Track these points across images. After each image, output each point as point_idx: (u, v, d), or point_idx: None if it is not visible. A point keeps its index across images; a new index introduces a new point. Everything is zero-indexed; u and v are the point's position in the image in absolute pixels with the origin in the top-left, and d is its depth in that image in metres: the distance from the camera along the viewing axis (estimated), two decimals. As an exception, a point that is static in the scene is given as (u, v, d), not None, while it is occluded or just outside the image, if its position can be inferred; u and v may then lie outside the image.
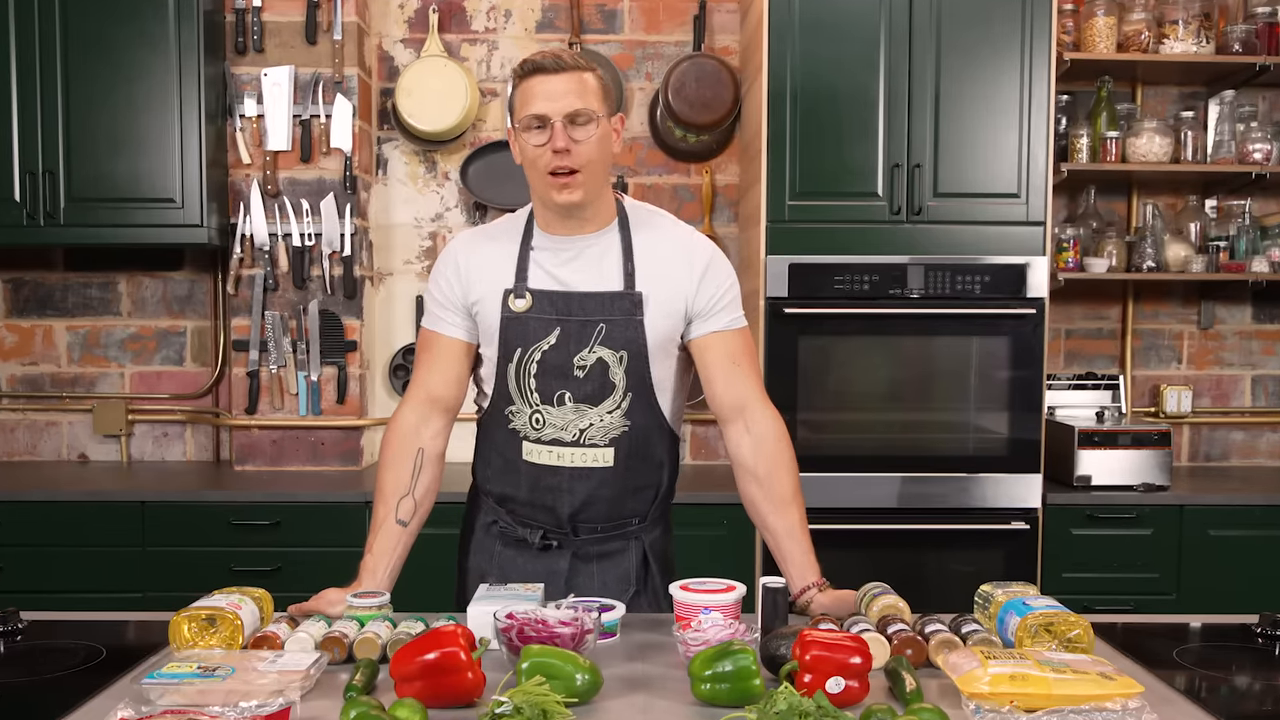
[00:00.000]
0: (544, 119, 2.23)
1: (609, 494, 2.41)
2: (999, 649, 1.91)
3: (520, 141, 2.29)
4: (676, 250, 2.40)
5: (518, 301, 2.35)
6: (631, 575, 2.47)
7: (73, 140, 4.21)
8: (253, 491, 4.11)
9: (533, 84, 2.25)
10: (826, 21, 4.00)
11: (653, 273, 2.36)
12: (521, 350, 2.36)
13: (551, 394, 2.35)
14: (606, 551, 2.48)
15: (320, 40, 4.43)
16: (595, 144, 2.26)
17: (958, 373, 4.09)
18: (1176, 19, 4.35)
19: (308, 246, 4.45)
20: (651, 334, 2.34)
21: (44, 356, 4.81)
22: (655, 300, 2.35)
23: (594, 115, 2.25)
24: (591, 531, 2.46)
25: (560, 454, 2.38)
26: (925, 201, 4.03)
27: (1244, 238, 4.55)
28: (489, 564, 2.52)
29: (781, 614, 2.04)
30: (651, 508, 2.50)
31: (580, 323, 2.33)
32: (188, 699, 1.70)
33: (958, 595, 2.52)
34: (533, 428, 2.39)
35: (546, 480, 2.41)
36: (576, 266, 2.37)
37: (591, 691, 1.78)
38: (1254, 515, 4.11)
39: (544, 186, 2.29)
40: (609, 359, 2.33)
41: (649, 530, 2.51)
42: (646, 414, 2.39)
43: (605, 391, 2.35)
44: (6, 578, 4.00)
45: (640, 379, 2.36)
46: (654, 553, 2.51)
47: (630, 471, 2.41)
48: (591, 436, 2.37)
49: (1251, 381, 4.88)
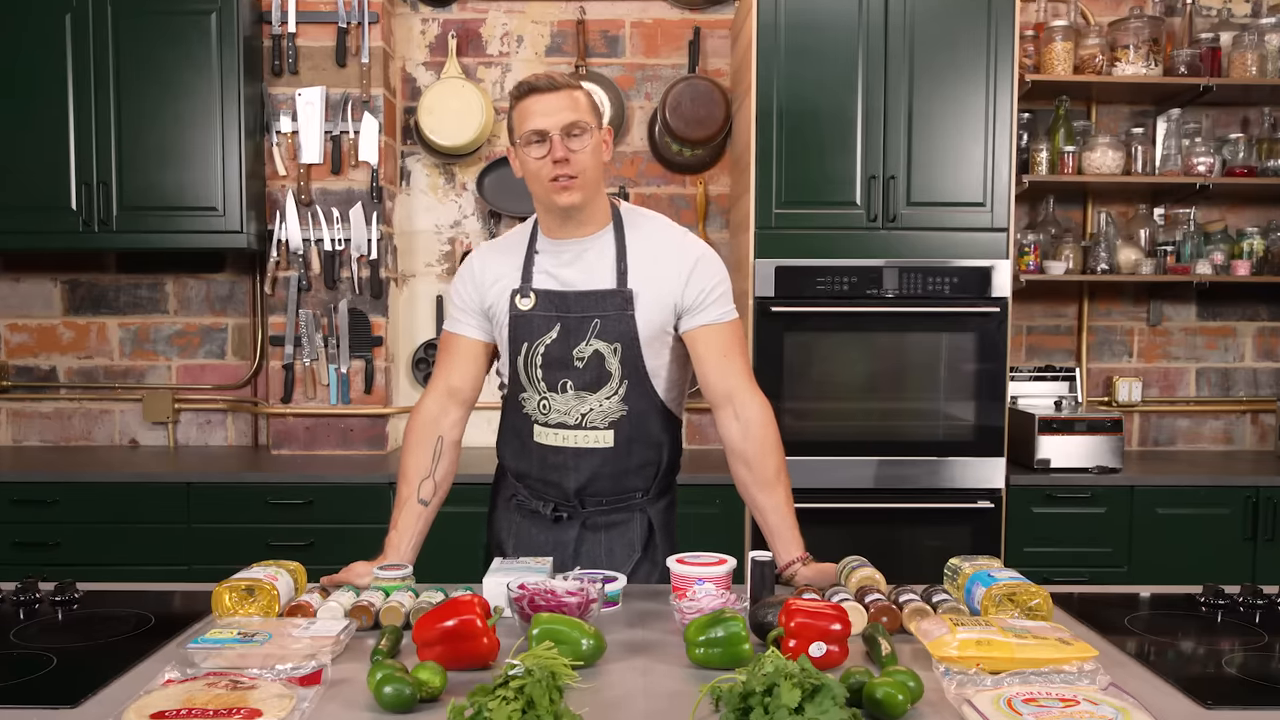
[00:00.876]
0: (543, 133, 2.25)
1: (610, 471, 2.43)
2: (966, 617, 1.91)
3: (521, 156, 2.31)
4: (667, 250, 2.40)
5: (523, 301, 2.38)
6: (636, 543, 2.48)
7: (124, 154, 4.21)
8: (288, 473, 4.11)
9: (530, 103, 2.28)
10: (809, 47, 3.99)
11: (644, 271, 2.37)
12: (528, 344, 2.39)
13: (555, 382, 2.38)
14: (612, 522, 2.49)
15: (349, 63, 4.42)
16: (590, 152, 2.29)
17: (929, 365, 4.08)
18: (1128, 44, 4.35)
19: (338, 251, 4.44)
20: (643, 327, 2.35)
21: (98, 351, 4.81)
22: (646, 296, 2.35)
23: (587, 126, 2.28)
24: (597, 504, 2.47)
25: (565, 436, 2.41)
26: (899, 210, 4.02)
27: (1189, 243, 4.55)
28: (508, 534, 2.56)
29: (769, 585, 2.05)
30: (654, 483, 2.50)
31: (578, 319, 2.36)
32: (229, 662, 1.70)
33: (929, 568, 2.52)
34: (540, 412, 2.42)
35: (553, 459, 2.44)
36: (575, 267, 2.39)
37: (596, 655, 1.78)
38: (1198, 495, 4.11)
39: (546, 192, 2.31)
40: (605, 351, 2.35)
41: (653, 503, 2.52)
42: (643, 399, 2.40)
43: (602, 380, 2.37)
44: (64, 552, 4.00)
45: (635, 368, 2.37)
46: (658, 523, 2.51)
47: (629, 451, 2.42)
48: (592, 420, 2.39)
49: (1195, 374, 4.88)
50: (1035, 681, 1.59)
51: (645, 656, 1.85)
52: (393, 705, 1.56)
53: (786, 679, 1.41)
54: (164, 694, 1.54)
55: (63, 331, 4.81)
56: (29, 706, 1.59)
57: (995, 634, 1.73)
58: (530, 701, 1.40)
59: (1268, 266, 4.55)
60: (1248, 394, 4.89)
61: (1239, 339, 4.88)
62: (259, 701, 1.50)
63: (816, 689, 1.40)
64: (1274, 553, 4.09)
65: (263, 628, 1.84)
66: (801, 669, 1.44)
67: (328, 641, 1.79)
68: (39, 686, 1.69)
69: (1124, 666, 1.80)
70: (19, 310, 4.80)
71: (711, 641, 1.76)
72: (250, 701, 1.50)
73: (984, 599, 1.97)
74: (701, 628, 1.78)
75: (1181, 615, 2.14)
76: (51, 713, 1.57)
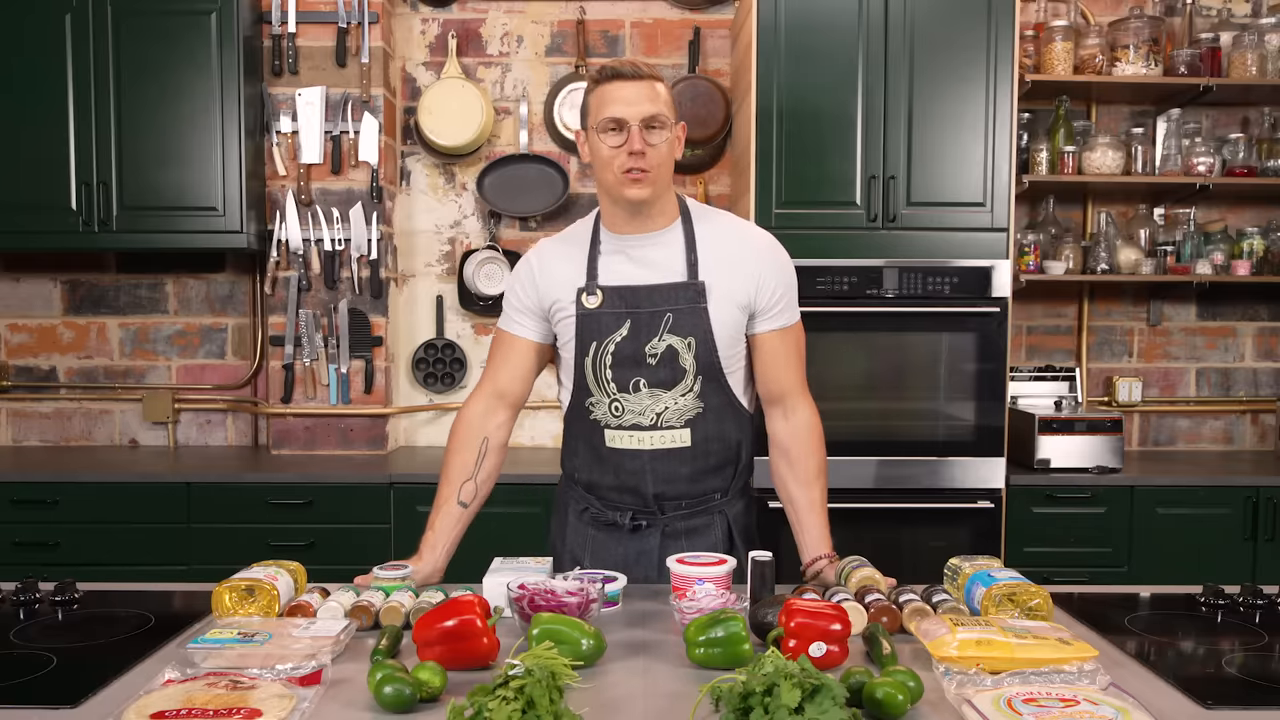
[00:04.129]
0: (621, 122, 2.22)
1: (688, 472, 2.38)
2: (966, 617, 1.91)
3: (594, 142, 2.27)
4: (738, 241, 2.38)
5: (590, 299, 2.32)
6: (719, 548, 2.41)
7: (124, 154, 4.21)
8: (288, 473, 4.10)
9: (610, 89, 2.24)
10: (809, 47, 3.99)
11: (715, 263, 2.33)
12: (596, 344, 2.33)
13: (627, 382, 2.33)
14: (693, 527, 2.44)
15: (349, 63, 4.42)
16: (666, 147, 2.26)
17: (929, 365, 4.08)
18: (1128, 44, 4.35)
19: (338, 251, 4.44)
20: (716, 320, 2.31)
21: (98, 351, 4.81)
22: (718, 288, 2.31)
23: (666, 121, 2.25)
24: (676, 509, 2.42)
25: (640, 438, 2.35)
26: (899, 210, 4.02)
27: (1189, 243, 4.55)
28: (583, 550, 2.49)
29: (769, 585, 2.04)
30: (732, 483, 2.46)
31: (649, 314, 2.30)
32: (229, 662, 1.70)
33: (929, 568, 2.52)
34: (612, 415, 2.36)
35: (629, 464, 2.38)
36: (643, 262, 2.35)
37: (596, 655, 1.78)
38: (1198, 495, 4.11)
39: (616, 183, 2.27)
40: (678, 345, 2.30)
41: (731, 504, 2.47)
42: (718, 394, 2.36)
43: (677, 376, 2.32)
44: (64, 552, 4.00)
45: (709, 363, 2.32)
46: (738, 527, 2.47)
47: (707, 450, 2.38)
48: (668, 419, 2.33)
49: (1195, 374, 4.88)
50: (1035, 681, 1.59)
51: (645, 656, 1.85)
52: (393, 705, 1.56)
53: (786, 679, 1.41)
54: (164, 694, 1.53)
55: (63, 331, 4.80)
56: (29, 706, 1.59)
57: (995, 634, 1.73)
58: (530, 701, 1.40)
59: (1268, 266, 4.55)
60: (1248, 394, 4.89)
61: (1239, 339, 4.88)
62: (259, 701, 1.50)
63: (816, 689, 1.40)
64: (1274, 552, 4.09)
65: (263, 628, 1.84)
66: (801, 669, 1.44)
67: (328, 641, 1.79)
68: (39, 686, 1.69)
69: (1124, 666, 1.80)
70: (19, 310, 4.80)
71: (711, 641, 1.75)
72: (250, 701, 1.50)
73: (984, 599, 1.97)
74: (701, 628, 1.77)
75: (1181, 615, 2.14)
76: (52, 713, 1.57)
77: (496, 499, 2.56)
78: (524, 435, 4.73)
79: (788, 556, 2.37)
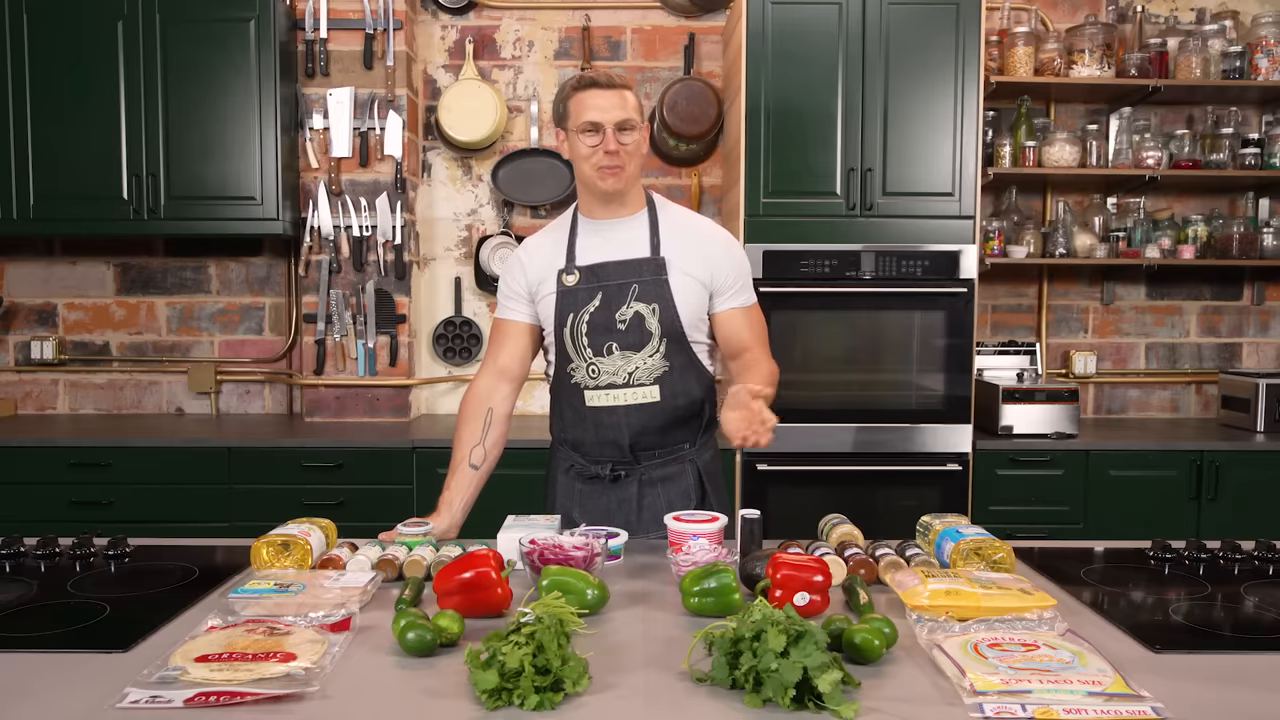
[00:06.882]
0: (598, 125, 2.33)
1: (659, 424, 2.45)
2: (937, 569, 1.91)
3: (574, 141, 2.38)
4: (696, 228, 2.50)
5: (569, 278, 2.43)
6: (691, 493, 2.50)
7: (171, 148, 4.19)
8: (320, 439, 4.10)
9: (588, 96, 2.35)
10: (794, 51, 3.96)
11: (675, 243, 2.44)
12: (573, 315, 2.42)
13: (601, 346, 2.41)
14: (667, 475, 2.50)
15: (376, 66, 4.40)
16: (634, 146, 2.38)
17: (902, 341, 4.07)
18: (1084, 48, 4.32)
19: (365, 236, 4.43)
20: (676, 289, 2.40)
21: (147, 327, 4.80)
22: (677, 263, 2.41)
23: (636, 124, 2.37)
24: (651, 458, 2.48)
25: (615, 395, 2.43)
26: (875, 199, 4.00)
27: (1139, 229, 4.54)
28: (573, 501, 2.55)
29: (757, 540, 2.04)
30: (699, 435, 2.53)
31: (617, 285, 2.40)
32: (266, 610, 1.69)
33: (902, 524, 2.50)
34: (590, 377, 2.43)
35: (607, 419, 2.45)
36: (614, 241, 2.45)
37: (600, 604, 1.78)
38: (1148, 458, 4.10)
39: (593, 177, 2.38)
40: (644, 311, 2.39)
41: (700, 454, 2.53)
42: (682, 354, 2.43)
43: (644, 339, 2.40)
44: (117, 510, 4.00)
45: (673, 327, 2.40)
46: (707, 473, 2.54)
47: (675, 404, 2.44)
48: (639, 378, 2.41)
49: (1145, 348, 4.87)
50: (999, 628, 1.59)
51: (645, 605, 1.84)
52: (415, 649, 1.56)
53: (773, 625, 1.40)
54: (208, 639, 1.53)
55: (115, 310, 4.79)
56: (85, 650, 1.59)
57: (963, 585, 1.73)
58: (540, 646, 1.40)
59: (1210, 251, 4.54)
60: (1192, 366, 4.88)
61: (1184, 317, 4.86)
62: (294, 646, 1.50)
63: (800, 635, 1.40)
64: (1216, 511, 4.09)
65: (297, 579, 1.84)
66: (787, 616, 1.43)
67: (356, 591, 1.79)
68: (94, 632, 1.68)
69: (1080, 614, 1.79)
70: (76, 291, 4.78)
71: (705, 592, 1.75)
72: (286, 646, 1.50)
73: (953, 553, 1.97)
74: (696, 579, 1.77)
75: (1132, 568, 2.13)
76: (105, 656, 1.56)
77: (510, 462, 2.59)
78: (535, 405, 4.72)
79: (774, 516, 2.36)
